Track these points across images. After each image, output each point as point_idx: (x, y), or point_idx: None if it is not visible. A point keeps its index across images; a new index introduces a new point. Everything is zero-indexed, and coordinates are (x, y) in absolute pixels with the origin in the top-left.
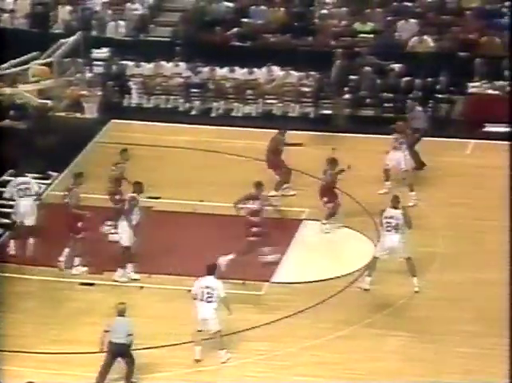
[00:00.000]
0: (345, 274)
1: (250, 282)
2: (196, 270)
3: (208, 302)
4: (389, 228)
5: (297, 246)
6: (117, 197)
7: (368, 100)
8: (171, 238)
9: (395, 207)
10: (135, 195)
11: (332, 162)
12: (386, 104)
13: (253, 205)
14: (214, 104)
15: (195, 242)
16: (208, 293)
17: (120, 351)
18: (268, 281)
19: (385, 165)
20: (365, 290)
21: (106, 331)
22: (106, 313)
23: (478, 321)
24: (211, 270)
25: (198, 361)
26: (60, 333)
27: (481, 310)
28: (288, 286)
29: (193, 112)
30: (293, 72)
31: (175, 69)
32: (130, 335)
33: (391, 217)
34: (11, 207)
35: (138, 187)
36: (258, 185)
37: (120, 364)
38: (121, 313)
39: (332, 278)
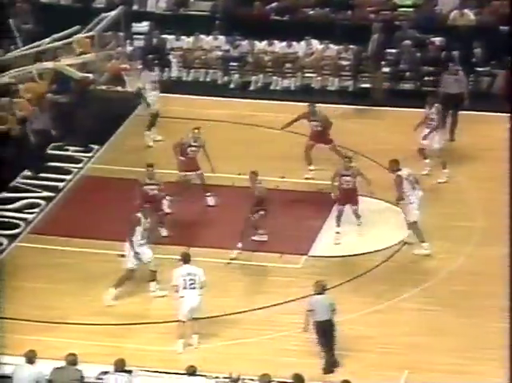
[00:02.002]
0: (383, 248)
1: (287, 256)
2: (233, 243)
3: (192, 288)
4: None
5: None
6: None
7: (407, 74)
8: (209, 211)
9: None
10: (139, 215)
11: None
12: (426, 78)
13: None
14: (253, 77)
15: (233, 216)
16: (190, 279)
17: (326, 328)
18: (306, 254)
19: (420, 145)
20: (426, 255)
21: (309, 311)
22: (146, 287)
23: None
24: (187, 258)
25: (179, 353)
26: (101, 305)
27: None
28: (325, 260)
29: (232, 86)
30: (331, 45)
31: (214, 43)
32: (333, 310)
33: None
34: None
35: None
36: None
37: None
38: (321, 291)
39: (370, 252)
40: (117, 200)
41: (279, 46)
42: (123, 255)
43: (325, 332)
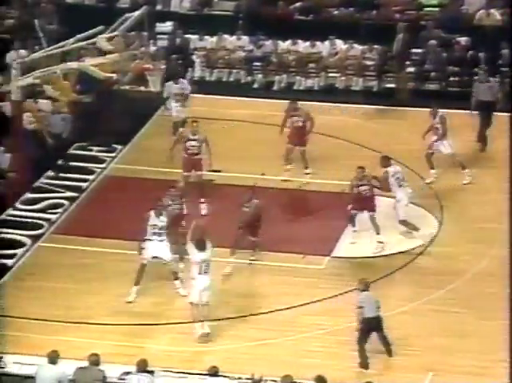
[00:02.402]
0: (407, 249)
1: (310, 256)
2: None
3: (206, 273)
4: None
5: (359, 220)
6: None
7: (432, 74)
8: (232, 211)
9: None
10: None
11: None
12: (451, 78)
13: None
14: (277, 77)
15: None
16: (206, 265)
17: (374, 325)
18: (328, 255)
19: (427, 150)
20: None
21: (360, 307)
22: (171, 286)
23: None
24: (202, 245)
25: (207, 334)
26: (122, 304)
27: None
28: (349, 261)
29: (255, 86)
30: (356, 45)
31: (237, 43)
32: (378, 308)
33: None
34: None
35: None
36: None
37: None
38: (366, 288)
39: (393, 254)
40: (140, 200)
41: (303, 46)
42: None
43: (371, 329)
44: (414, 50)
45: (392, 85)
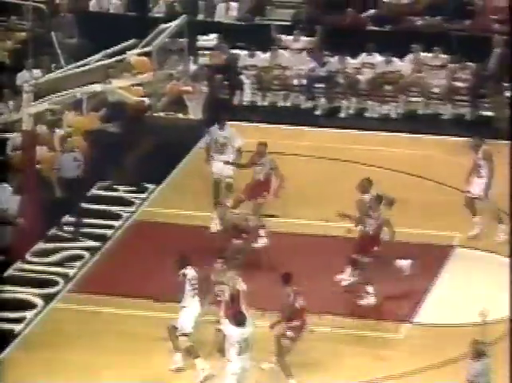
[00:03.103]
0: (502, 317)
1: (386, 322)
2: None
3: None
4: None
5: (447, 279)
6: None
7: None
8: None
9: None
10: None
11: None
12: None
13: None
14: (344, 102)
15: (318, 272)
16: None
17: None
18: (409, 321)
19: (467, 193)
20: None
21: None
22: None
23: None
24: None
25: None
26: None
27: None
28: (434, 329)
29: (317, 112)
30: (442, 58)
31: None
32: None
33: None
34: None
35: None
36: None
37: None
38: (480, 356)
39: (490, 322)
40: (176, 251)
41: (377, 63)
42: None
43: None
44: None
45: (488, 113)
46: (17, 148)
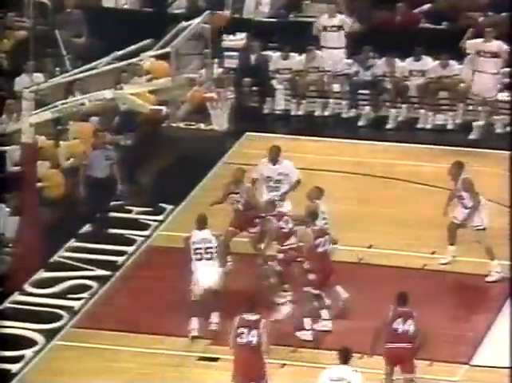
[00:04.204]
0: None
1: (440, 364)
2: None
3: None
4: None
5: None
6: None
7: None
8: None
9: None
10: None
11: None
12: None
13: None
14: (392, 110)
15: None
16: (207, 248)
17: None
18: (467, 363)
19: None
20: None
21: None
22: None
23: None
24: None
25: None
26: None
27: None
28: (496, 371)
29: (361, 123)
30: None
31: None
32: None
33: None
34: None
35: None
36: None
37: None
38: None
39: None
40: None
41: (431, 66)
42: None
43: None
44: None
45: None
46: (15, 163)
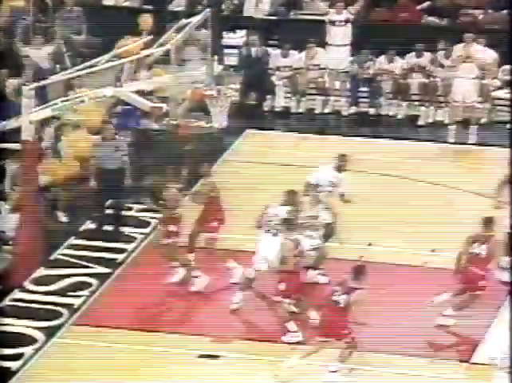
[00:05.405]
0: None
1: (441, 361)
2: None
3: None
4: None
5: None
6: None
7: None
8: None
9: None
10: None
11: None
12: None
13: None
14: (392, 108)
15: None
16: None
17: None
18: (467, 361)
19: None
20: None
21: None
22: None
23: None
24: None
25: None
26: None
27: None
28: (496, 370)
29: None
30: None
31: None
32: None
33: None
34: None
35: None
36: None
37: None
38: None
39: None
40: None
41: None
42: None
43: None
44: None
45: None
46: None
